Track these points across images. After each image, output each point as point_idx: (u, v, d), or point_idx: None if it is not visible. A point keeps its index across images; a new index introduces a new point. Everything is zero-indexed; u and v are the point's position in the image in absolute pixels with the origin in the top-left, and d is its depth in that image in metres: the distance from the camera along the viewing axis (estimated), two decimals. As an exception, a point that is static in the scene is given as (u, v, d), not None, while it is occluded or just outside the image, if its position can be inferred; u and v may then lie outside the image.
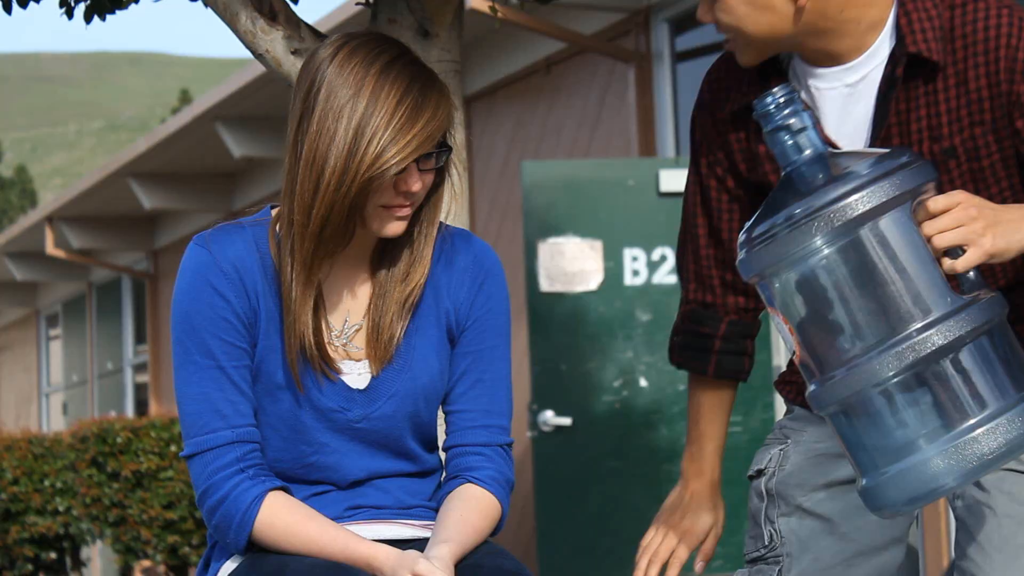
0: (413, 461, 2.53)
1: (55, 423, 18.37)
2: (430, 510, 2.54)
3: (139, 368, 16.04)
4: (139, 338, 16.01)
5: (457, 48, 3.63)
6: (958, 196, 2.17)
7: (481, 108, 9.90)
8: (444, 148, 2.41)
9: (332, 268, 2.45)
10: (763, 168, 2.53)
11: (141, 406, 15.81)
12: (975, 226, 2.15)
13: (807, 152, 2.24)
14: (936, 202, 2.15)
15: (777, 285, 2.22)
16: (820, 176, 2.19)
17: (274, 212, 2.48)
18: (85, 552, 14.12)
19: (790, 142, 2.24)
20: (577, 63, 9.08)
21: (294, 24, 3.55)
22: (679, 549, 2.72)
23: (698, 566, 2.73)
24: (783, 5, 2.37)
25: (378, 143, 2.32)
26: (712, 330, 2.68)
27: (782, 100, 2.25)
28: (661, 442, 6.78)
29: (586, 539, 6.80)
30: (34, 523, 12.23)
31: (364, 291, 2.48)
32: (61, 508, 12.21)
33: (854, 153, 2.24)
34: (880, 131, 2.39)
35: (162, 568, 11.02)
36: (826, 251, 2.15)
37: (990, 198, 2.37)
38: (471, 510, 2.46)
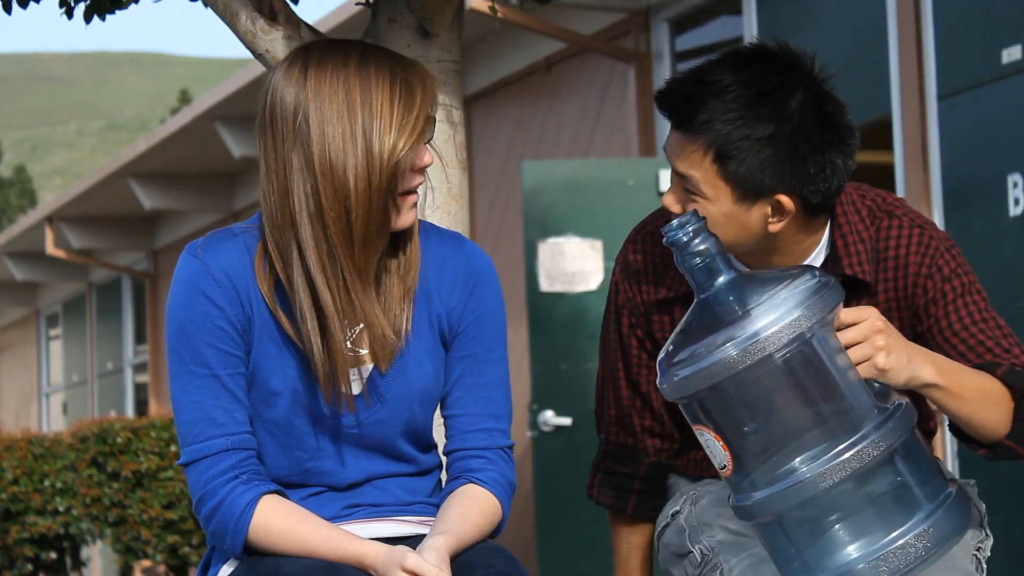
0: (410, 463, 2.53)
1: (55, 423, 18.37)
2: (430, 506, 2.54)
3: (139, 368, 16.05)
4: (139, 338, 16.02)
5: (457, 48, 3.63)
6: (866, 311, 2.31)
7: (481, 108, 9.90)
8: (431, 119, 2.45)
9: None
10: None
11: (141, 406, 15.81)
12: (876, 341, 2.29)
13: (721, 278, 2.29)
14: (845, 315, 2.29)
15: (704, 406, 2.27)
16: (736, 303, 2.25)
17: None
18: (85, 552, 14.12)
19: (703, 267, 2.29)
20: (577, 63, 9.08)
21: (294, 24, 3.55)
22: None
23: None
24: (757, 227, 2.48)
25: (390, 139, 2.35)
26: (632, 470, 2.79)
27: (692, 230, 2.30)
28: (661, 442, 6.79)
29: (586, 539, 6.80)
30: (34, 523, 12.23)
31: (363, 298, 2.48)
32: (61, 508, 12.21)
33: (765, 275, 2.31)
34: None
35: (162, 568, 11.02)
36: (752, 375, 2.22)
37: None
38: (472, 508, 2.47)
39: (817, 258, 2.58)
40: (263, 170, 2.40)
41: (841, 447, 2.22)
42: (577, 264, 6.91)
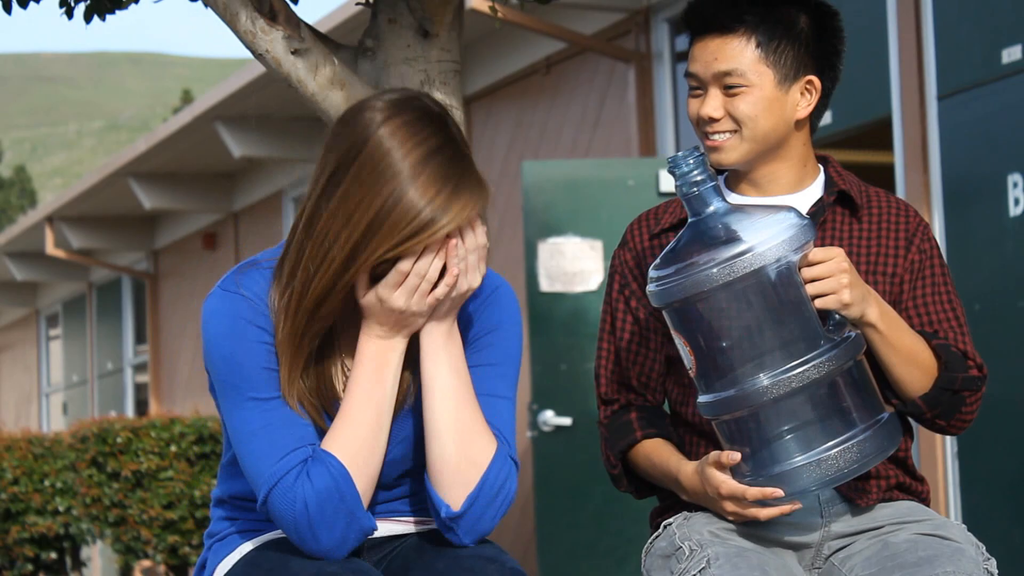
0: (409, 485, 2.54)
1: (55, 423, 18.36)
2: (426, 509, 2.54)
3: (139, 368, 16.04)
4: (139, 338, 16.01)
5: (457, 48, 3.63)
6: (834, 251, 2.60)
7: (481, 108, 9.90)
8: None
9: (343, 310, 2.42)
10: None
11: (141, 406, 15.80)
12: (842, 278, 2.58)
13: (711, 207, 2.58)
14: (815, 253, 2.57)
15: (680, 314, 2.57)
16: (722, 229, 2.55)
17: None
18: (85, 552, 14.12)
19: (698, 196, 2.59)
20: (577, 63, 9.08)
21: (294, 24, 3.55)
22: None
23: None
24: (790, 111, 2.79)
25: (400, 232, 2.32)
26: (627, 416, 2.89)
27: (692, 160, 2.59)
28: (661, 442, 6.79)
29: (586, 539, 6.80)
30: (34, 523, 12.22)
31: None
32: (61, 508, 12.21)
33: (751, 208, 2.61)
34: None
35: (162, 568, 11.02)
36: (723, 293, 2.52)
37: None
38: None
39: (817, 187, 2.86)
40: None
41: (792, 364, 2.52)
42: (577, 264, 6.91)
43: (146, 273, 15.44)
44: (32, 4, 3.82)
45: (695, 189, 2.58)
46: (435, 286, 2.38)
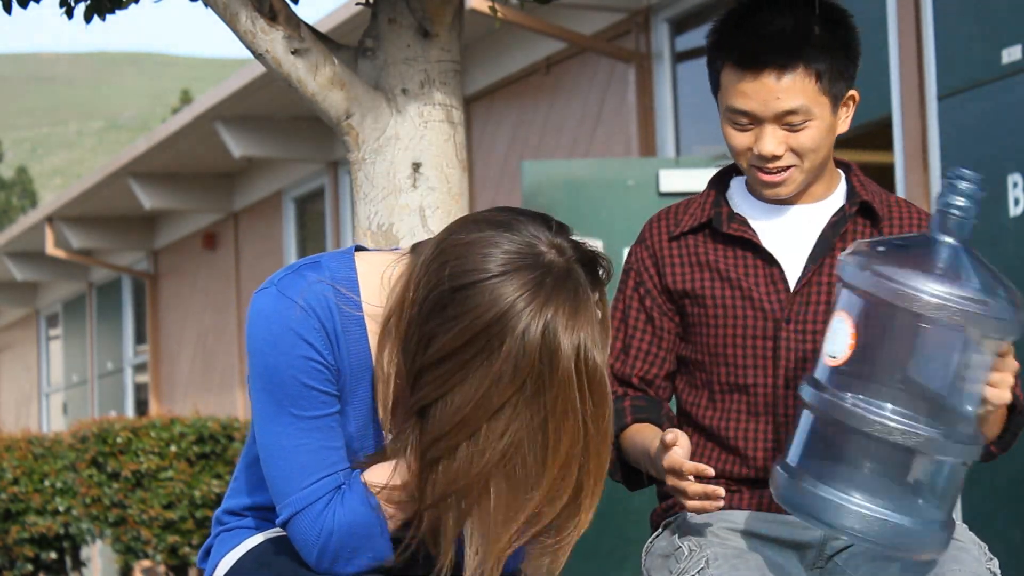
0: None
1: (55, 423, 18.37)
2: None
3: (139, 368, 16.05)
4: (139, 338, 16.02)
5: (457, 48, 3.63)
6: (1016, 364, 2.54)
7: (481, 108, 9.90)
8: None
9: None
10: (703, 275, 2.81)
11: (141, 406, 15.81)
12: (1013, 380, 2.52)
13: (959, 238, 2.51)
14: (1016, 364, 2.51)
15: (873, 311, 2.48)
16: (970, 268, 2.49)
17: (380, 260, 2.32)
18: (85, 552, 14.12)
19: (965, 222, 2.52)
20: (577, 63, 9.09)
21: (294, 24, 3.55)
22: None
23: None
24: (835, 133, 2.77)
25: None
26: (621, 404, 2.85)
27: (979, 186, 2.56)
28: (661, 442, 6.79)
29: (586, 539, 6.79)
30: (34, 523, 12.23)
31: None
32: (61, 508, 12.21)
33: (989, 267, 2.55)
34: (818, 261, 2.75)
35: (162, 568, 11.02)
36: (930, 325, 2.43)
37: None
38: None
39: (839, 196, 2.82)
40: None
41: (927, 424, 2.43)
42: (577, 264, 6.92)
43: (146, 273, 15.44)
44: (32, 4, 3.82)
45: (966, 215, 2.52)
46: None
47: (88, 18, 3.86)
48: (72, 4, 3.83)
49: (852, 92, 2.78)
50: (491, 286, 2.15)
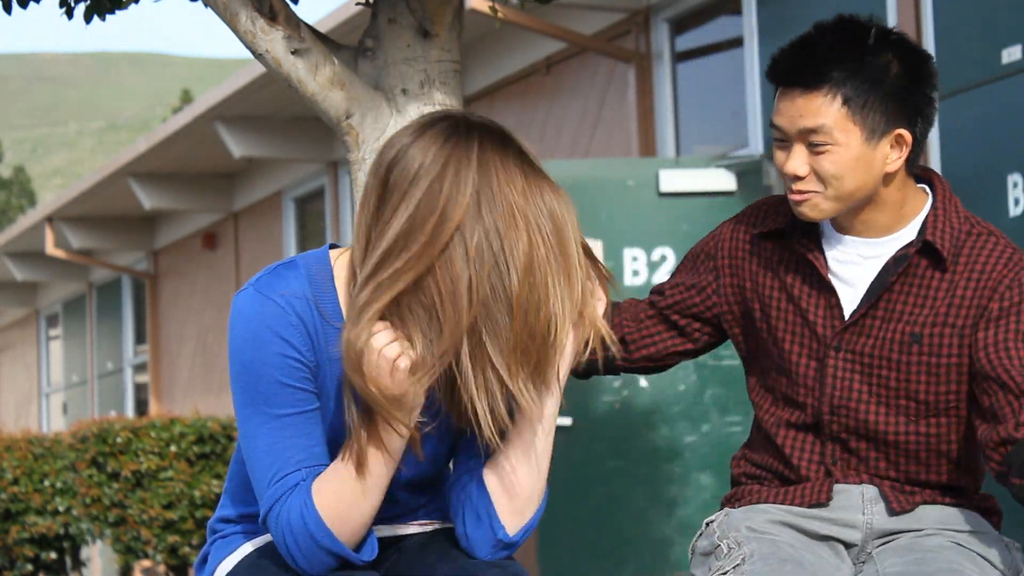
0: (419, 498, 2.53)
1: (55, 423, 18.36)
2: (428, 510, 2.54)
3: (139, 368, 16.04)
4: (139, 338, 16.01)
5: (457, 48, 3.63)
6: None
7: (481, 108, 9.90)
8: None
9: None
10: (773, 283, 2.84)
11: (141, 406, 15.81)
12: None
13: None
14: None
15: None
16: None
17: (337, 255, 2.39)
18: (85, 552, 14.12)
19: None
20: (577, 63, 9.09)
21: (294, 24, 3.55)
22: None
23: None
24: (879, 168, 2.71)
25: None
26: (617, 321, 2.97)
27: None
28: (661, 442, 6.78)
29: (586, 539, 6.80)
30: (34, 523, 12.23)
31: None
32: (61, 508, 12.21)
33: None
34: (876, 295, 2.74)
35: (162, 568, 11.02)
36: None
37: (936, 394, 2.74)
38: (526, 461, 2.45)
39: (912, 229, 2.77)
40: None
41: None
42: (577, 264, 6.92)
43: (146, 273, 15.44)
44: (32, 4, 3.82)
45: None
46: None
47: (88, 18, 3.86)
48: (72, 4, 3.83)
49: (900, 131, 2.71)
50: (405, 145, 2.28)
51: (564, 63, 9.17)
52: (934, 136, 6.66)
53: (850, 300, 2.77)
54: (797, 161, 2.71)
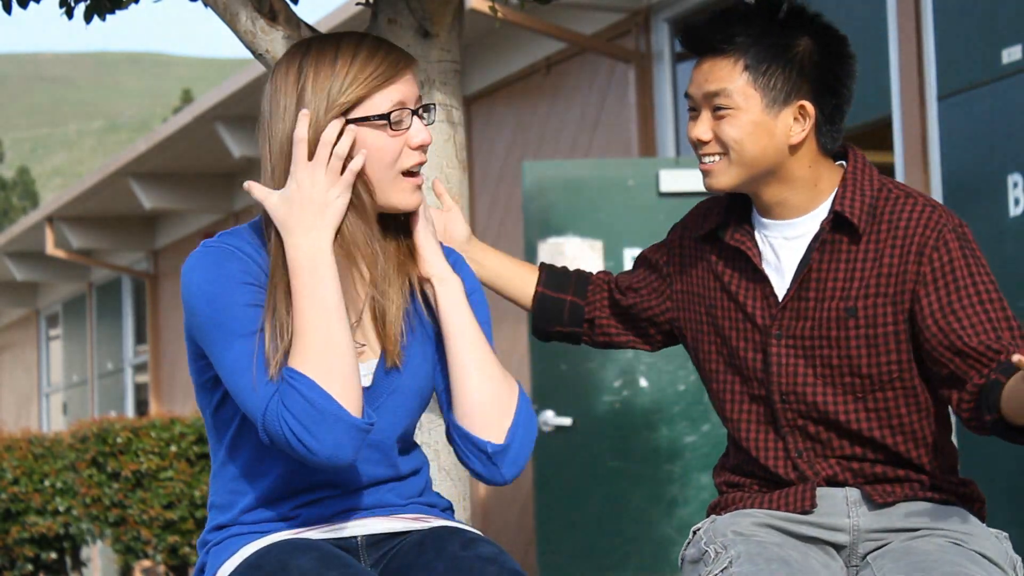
0: (394, 467, 2.54)
1: (55, 423, 18.37)
2: (422, 505, 2.55)
3: (139, 368, 16.05)
4: (139, 338, 16.02)
5: (457, 48, 3.64)
6: None
7: (481, 108, 9.90)
8: (431, 105, 2.52)
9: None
10: (713, 283, 2.90)
11: (141, 406, 15.81)
12: None
13: None
14: None
15: None
16: None
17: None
18: (85, 552, 14.12)
19: None
20: (577, 63, 9.09)
21: (294, 24, 3.55)
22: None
23: None
24: (781, 137, 2.76)
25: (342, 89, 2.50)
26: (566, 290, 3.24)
27: None
28: (661, 442, 6.79)
29: (586, 539, 6.80)
30: (34, 523, 12.23)
31: (360, 286, 2.49)
32: (61, 508, 12.21)
33: None
34: (801, 275, 2.78)
35: (162, 568, 11.02)
36: None
37: (878, 366, 2.77)
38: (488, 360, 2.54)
39: (824, 209, 2.81)
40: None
41: None
42: (577, 264, 6.91)
43: (146, 273, 15.44)
44: (32, 4, 3.82)
45: None
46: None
47: (88, 18, 3.86)
48: (72, 4, 3.83)
49: (802, 103, 2.77)
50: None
51: (564, 63, 9.17)
52: (934, 136, 6.66)
53: (782, 286, 2.82)
54: (702, 127, 2.78)
